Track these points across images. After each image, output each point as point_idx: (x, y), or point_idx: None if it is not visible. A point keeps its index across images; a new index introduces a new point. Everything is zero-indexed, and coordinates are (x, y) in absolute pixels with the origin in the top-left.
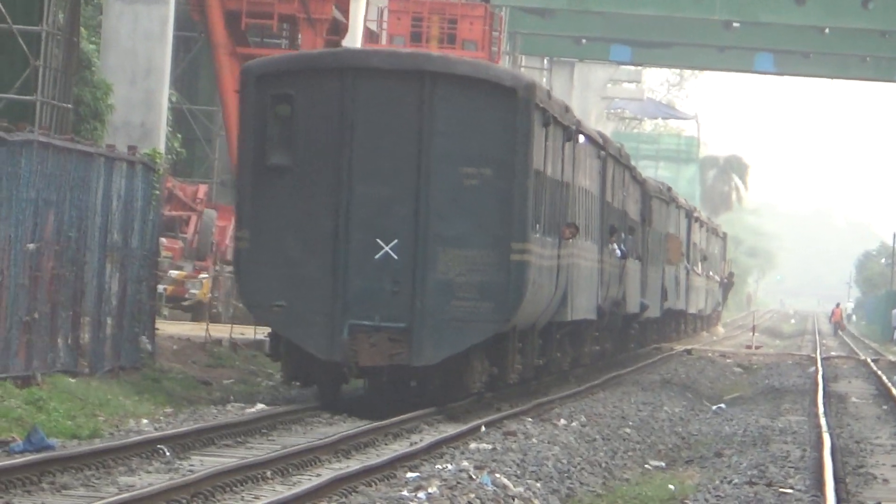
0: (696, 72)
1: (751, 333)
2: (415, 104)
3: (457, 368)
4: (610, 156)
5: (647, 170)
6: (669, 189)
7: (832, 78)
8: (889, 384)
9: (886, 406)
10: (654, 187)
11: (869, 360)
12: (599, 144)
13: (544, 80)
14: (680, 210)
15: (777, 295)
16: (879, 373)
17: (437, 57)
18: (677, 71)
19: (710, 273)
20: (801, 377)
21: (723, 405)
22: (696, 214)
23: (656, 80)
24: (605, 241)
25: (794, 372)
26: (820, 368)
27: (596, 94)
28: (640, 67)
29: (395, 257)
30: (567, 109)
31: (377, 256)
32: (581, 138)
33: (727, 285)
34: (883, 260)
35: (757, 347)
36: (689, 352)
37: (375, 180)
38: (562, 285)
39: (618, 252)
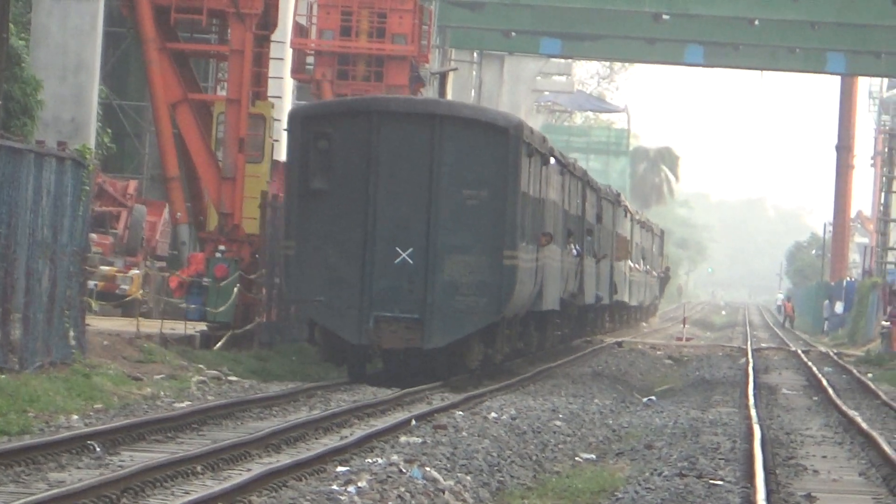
0: (627, 64)
1: (682, 325)
2: (426, 140)
3: (459, 351)
4: (568, 171)
5: (580, 162)
6: (619, 194)
7: (762, 70)
8: (820, 375)
9: (817, 397)
10: (605, 192)
11: (800, 351)
12: (562, 163)
13: (474, 73)
14: (626, 212)
15: (708, 286)
16: (810, 364)
17: (445, 102)
18: (607, 63)
19: (649, 268)
20: (731, 369)
21: (653, 397)
22: (637, 217)
23: (586, 73)
24: (565, 243)
25: (725, 364)
26: (751, 360)
27: (526, 87)
28: (570, 60)
29: (411, 262)
30: (544, 140)
31: (396, 262)
32: (551, 160)
33: (664, 279)
34: (814, 251)
35: (688, 339)
36: (619, 344)
37: (395, 201)
38: (538, 282)
39: (574, 251)
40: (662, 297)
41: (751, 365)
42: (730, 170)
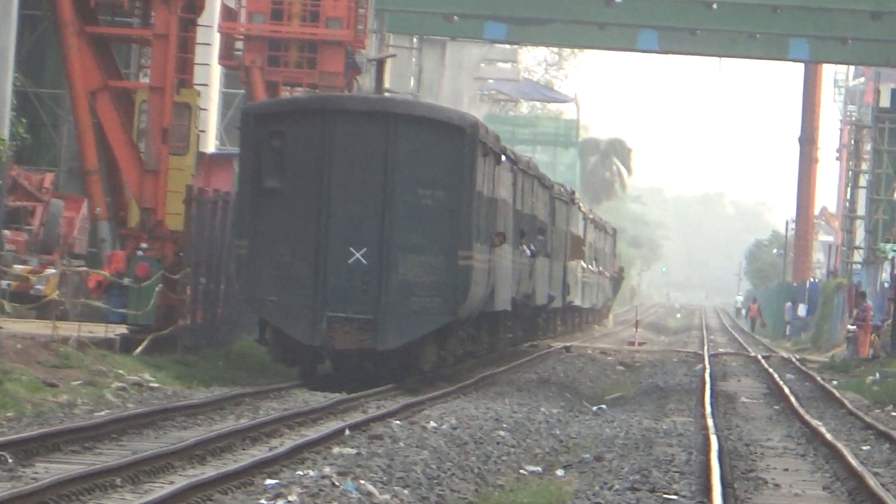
0: (576, 51)
1: (634, 329)
2: (381, 139)
3: (412, 352)
4: (520, 169)
5: (526, 154)
6: (572, 192)
7: (720, 56)
8: (781, 383)
9: (778, 406)
10: (557, 191)
11: (760, 357)
12: (513, 161)
13: (413, 60)
14: (579, 211)
15: (662, 287)
16: (771, 370)
17: (401, 101)
18: (556, 50)
19: (602, 269)
20: (687, 375)
21: (604, 406)
22: (591, 215)
23: (533, 60)
24: (517, 243)
25: (680, 370)
26: (707, 366)
27: (469, 74)
28: (515, 46)
29: (365, 262)
30: (497, 139)
31: (350, 261)
32: (503, 158)
33: (617, 280)
34: (775, 250)
35: (640, 344)
36: (567, 349)
37: (349, 200)
38: (491, 283)
39: (528, 252)
40: (615, 299)
41: (708, 371)
42: (686, 163)
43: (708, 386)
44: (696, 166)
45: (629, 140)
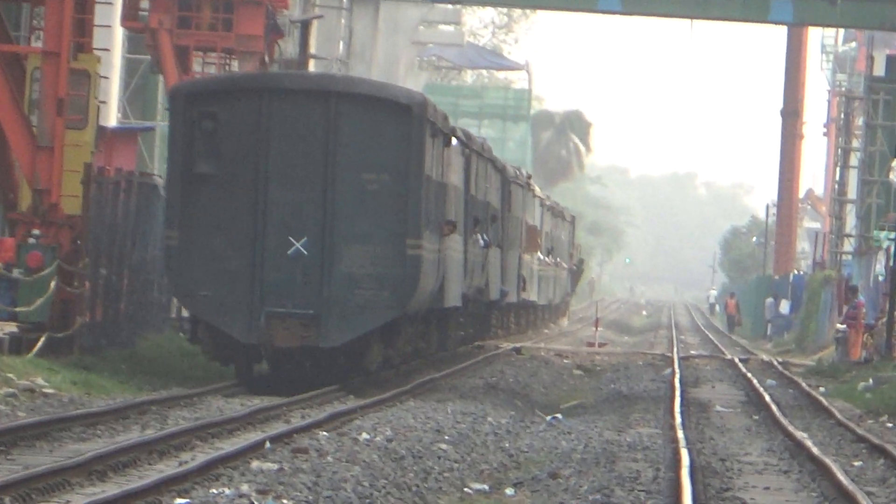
0: (528, 12)
1: (594, 328)
2: (322, 120)
3: (358, 350)
4: (473, 151)
5: (470, 129)
6: (528, 177)
7: (691, 18)
8: (761, 389)
9: (758, 416)
10: (512, 174)
11: (737, 359)
12: (464, 143)
13: (343, 21)
14: (535, 196)
15: (625, 281)
16: (749, 375)
17: (342, 78)
18: (504, 11)
19: (559, 260)
20: (654, 381)
21: (559, 416)
22: (547, 202)
23: (479, 22)
24: (470, 233)
25: (647, 375)
26: (677, 370)
27: (406, 38)
28: (459, 6)
29: (306, 253)
30: (445, 118)
31: (290, 252)
32: (453, 141)
33: (576, 273)
34: (754, 238)
35: (601, 345)
36: (518, 351)
37: (288, 186)
38: (440, 276)
39: (481, 242)
40: (574, 295)
41: (678, 376)
42: (653, 140)
43: (678, 393)
44: (665, 143)
45: (588, 113)
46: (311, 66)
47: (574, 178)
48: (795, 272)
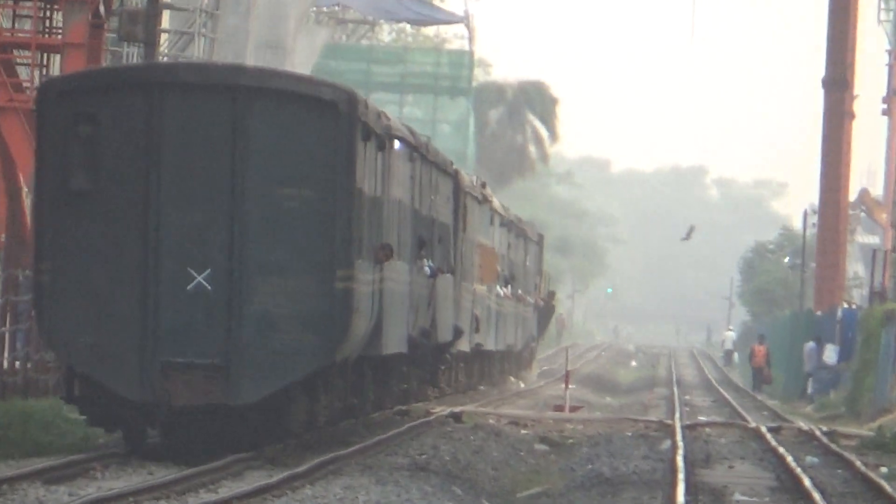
0: None
1: (563, 385)
2: (228, 121)
3: (277, 407)
4: (420, 155)
5: (389, 106)
6: (484, 185)
7: None
8: (798, 470)
9: None
10: (467, 183)
11: (764, 428)
12: (411, 145)
13: None
14: (491, 210)
15: (607, 318)
16: (782, 450)
17: (252, 70)
18: None
19: (521, 293)
20: (648, 459)
21: None
22: (506, 215)
23: None
24: (415, 258)
25: (637, 450)
26: (680, 444)
27: None
28: None
29: (209, 288)
30: (380, 115)
31: (189, 287)
32: (396, 143)
33: (545, 311)
34: (786, 258)
35: (573, 409)
36: (456, 417)
37: (186, 204)
38: (376, 314)
39: (426, 269)
40: (541, 339)
41: (681, 452)
42: (643, 123)
43: (681, 476)
44: (660, 127)
45: (553, 85)
46: (166, 19)
47: (534, 175)
48: (845, 306)
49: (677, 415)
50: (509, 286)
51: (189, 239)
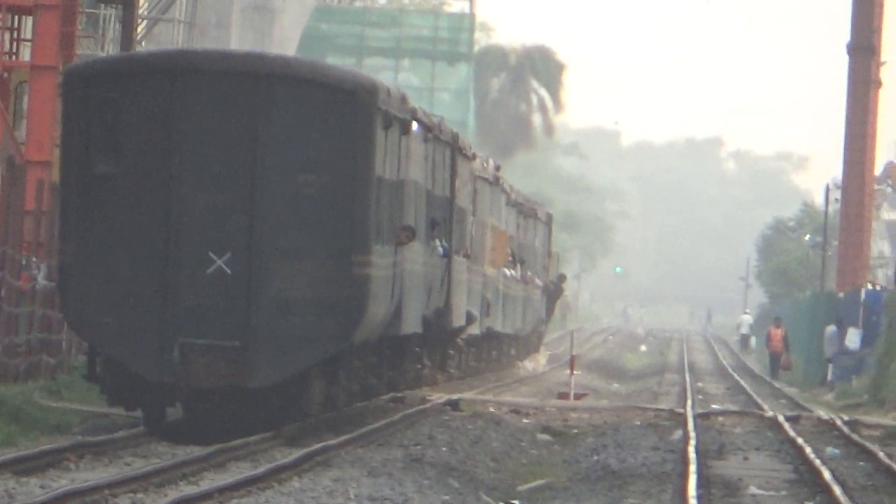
0: None
1: (567, 372)
2: (248, 108)
3: (294, 390)
4: (435, 137)
5: (384, 72)
6: (497, 167)
7: None
8: (818, 462)
9: (812, 502)
10: (478, 166)
11: (781, 417)
12: (426, 126)
13: None
14: (502, 192)
15: (615, 300)
16: (800, 441)
17: (273, 58)
18: None
19: (530, 275)
20: (657, 450)
21: (516, 502)
22: (514, 195)
23: None
24: (429, 238)
25: (646, 440)
26: (692, 434)
27: None
28: None
29: (229, 271)
30: (404, 100)
31: (209, 271)
32: (414, 126)
33: (553, 293)
34: (807, 236)
35: (578, 396)
36: (454, 405)
37: (207, 189)
38: (396, 297)
39: (440, 249)
40: (549, 322)
41: (693, 442)
42: (655, 91)
43: (693, 468)
44: (674, 96)
45: (560, 51)
46: None
47: (538, 147)
48: (869, 287)
49: (689, 403)
50: (518, 268)
51: (209, 223)
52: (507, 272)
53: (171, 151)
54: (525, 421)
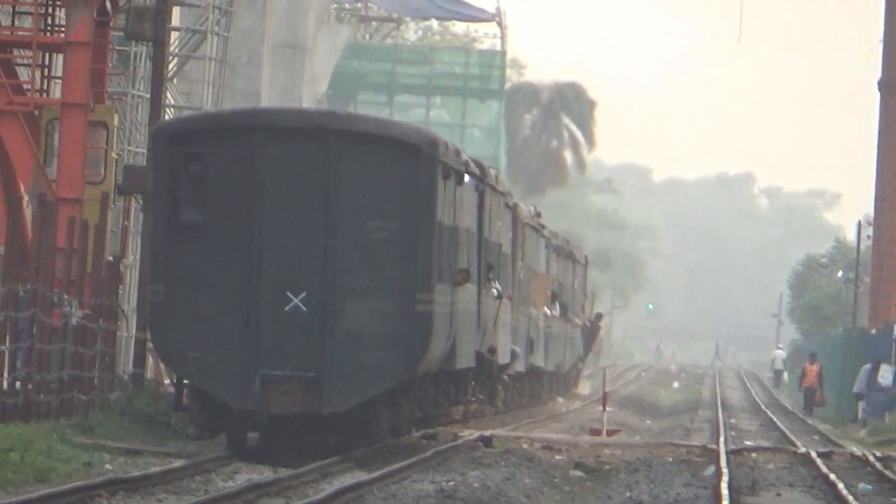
0: None
1: (601, 408)
2: (320, 161)
3: (363, 416)
4: (487, 186)
5: (415, 110)
6: (538, 214)
7: None
8: (850, 498)
9: None
10: (525, 213)
11: (814, 454)
12: (478, 176)
13: None
14: (541, 236)
15: (648, 336)
16: (833, 477)
17: (342, 115)
18: None
19: (569, 315)
20: (690, 486)
21: None
22: (554, 240)
23: None
24: (483, 281)
25: (679, 477)
26: (725, 470)
27: None
28: None
29: (305, 309)
30: (458, 153)
31: (287, 308)
32: (466, 177)
33: (591, 332)
34: (840, 272)
35: (611, 433)
36: (486, 442)
37: (284, 235)
38: (452, 333)
39: (494, 292)
40: (587, 359)
41: (725, 479)
42: (687, 128)
43: None
44: (706, 132)
45: (590, 87)
46: (176, 16)
47: (570, 184)
48: None
49: (722, 439)
50: (558, 307)
51: (287, 266)
52: (548, 312)
53: (251, 201)
54: (557, 457)
